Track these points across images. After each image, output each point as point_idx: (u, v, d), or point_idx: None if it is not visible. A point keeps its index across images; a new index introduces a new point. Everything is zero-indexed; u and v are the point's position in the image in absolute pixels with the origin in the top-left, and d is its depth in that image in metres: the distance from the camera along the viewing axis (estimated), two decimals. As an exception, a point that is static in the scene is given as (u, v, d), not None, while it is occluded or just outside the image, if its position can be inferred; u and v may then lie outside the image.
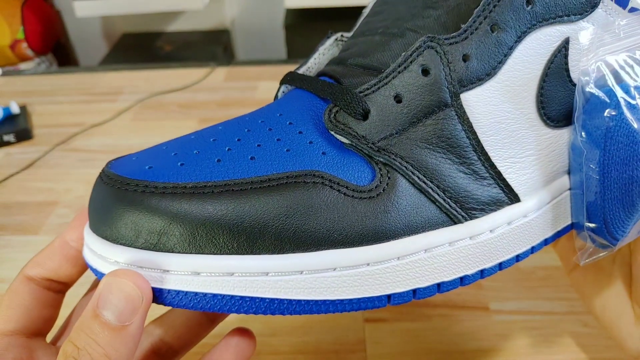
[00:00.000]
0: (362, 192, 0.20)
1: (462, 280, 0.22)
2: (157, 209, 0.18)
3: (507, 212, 0.22)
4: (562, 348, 0.36)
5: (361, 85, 0.21)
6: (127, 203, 0.19)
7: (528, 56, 0.21)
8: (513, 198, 0.22)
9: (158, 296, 0.19)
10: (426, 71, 0.20)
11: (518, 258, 0.23)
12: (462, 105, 0.20)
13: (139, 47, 1.68)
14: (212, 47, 1.62)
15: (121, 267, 0.19)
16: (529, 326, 0.37)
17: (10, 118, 0.67)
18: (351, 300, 0.20)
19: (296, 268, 0.19)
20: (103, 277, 0.19)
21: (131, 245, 0.19)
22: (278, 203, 0.19)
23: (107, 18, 1.81)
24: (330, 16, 1.36)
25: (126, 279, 0.18)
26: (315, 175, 0.20)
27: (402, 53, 0.21)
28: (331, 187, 0.20)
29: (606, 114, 0.19)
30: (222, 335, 0.26)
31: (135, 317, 0.18)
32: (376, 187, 0.20)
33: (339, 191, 0.20)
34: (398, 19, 0.23)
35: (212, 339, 0.27)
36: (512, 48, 0.21)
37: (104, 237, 0.20)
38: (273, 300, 0.19)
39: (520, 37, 0.21)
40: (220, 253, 0.19)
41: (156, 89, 0.75)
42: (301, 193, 0.19)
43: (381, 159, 0.20)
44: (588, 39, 0.20)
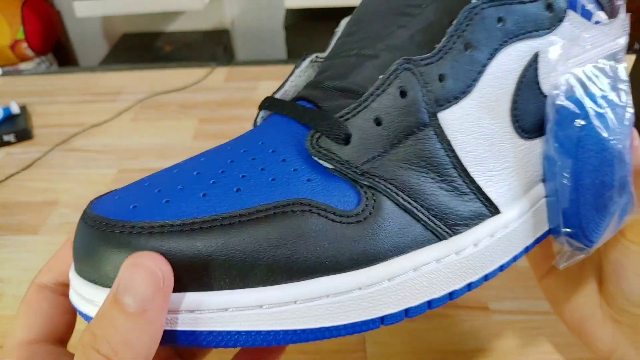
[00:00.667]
0: (350, 217, 0.20)
1: (451, 295, 0.22)
2: (146, 250, 0.18)
3: (489, 225, 0.22)
4: (562, 348, 0.36)
5: (340, 109, 0.21)
6: (114, 245, 0.18)
7: (501, 72, 0.21)
8: (493, 210, 0.22)
9: None
10: (404, 93, 0.20)
11: (502, 268, 0.23)
12: (440, 124, 0.21)
13: (139, 47, 1.68)
14: (212, 47, 1.62)
15: None
16: (529, 326, 0.37)
17: (10, 118, 0.67)
18: (346, 325, 0.20)
19: (290, 298, 0.19)
20: (123, 262, 0.18)
21: None
22: (268, 234, 0.19)
23: (107, 18, 1.81)
24: (330, 16, 1.36)
25: (146, 261, 0.17)
26: (302, 203, 0.20)
27: (379, 75, 0.21)
28: (319, 214, 0.19)
29: (576, 124, 0.19)
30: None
31: (156, 301, 0.17)
32: (362, 211, 0.20)
33: (327, 217, 0.20)
34: (372, 39, 0.23)
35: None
36: (485, 65, 0.21)
37: (92, 281, 0.19)
38: (268, 332, 0.19)
39: (492, 54, 0.21)
40: (212, 289, 0.18)
41: (156, 89, 0.75)
42: (290, 222, 0.19)
43: (365, 182, 0.20)
44: (557, 53, 0.21)
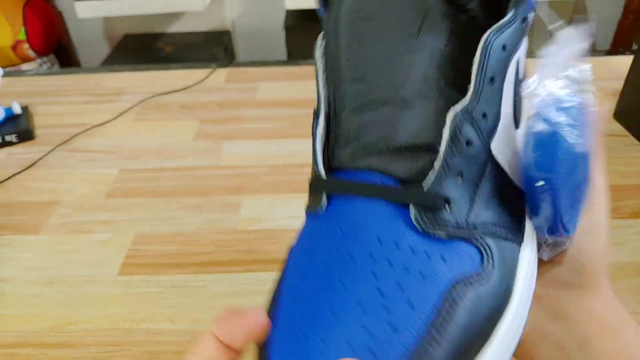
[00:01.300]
0: (486, 276, 0.21)
1: None
2: None
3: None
4: None
5: (411, 172, 0.22)
6: None
7: (508, 88, 0.23)
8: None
9: None
10: (469, 142, 0.21)
11: None
12: (493, 155, 0.22)
13: (140, 48, 1.69)
14: (213, 48, 1.63)
15: None
16: None
17: (12, 118, 0.67)
18: None
19: None
20: None
21: None
22: (459, 330, 0.19)
23: (109, 19, 1.81)
24: (330, 17, 1.36)
25: None
26: (454, 286, 0.20)
27: (425, 126, 0.22)
28: (470, 286, 0.20)
29: (552, 141, 0.21)
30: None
31: None
32: (488, 263, 0.21)
33: (474, 288, 0.20)
34: (389, 84, 0.23)
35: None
36: (502, 90, 0.22)
37: None
38: None
39: (504, 78, 0.22)
40: None
41: (157, 90, 0.75)
42: (462, 307, 0.20)
43: (477, 236, 0.21)
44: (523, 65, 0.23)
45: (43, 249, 0.50)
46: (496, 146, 0.22)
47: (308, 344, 0.20)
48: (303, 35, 1.44)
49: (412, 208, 0.21)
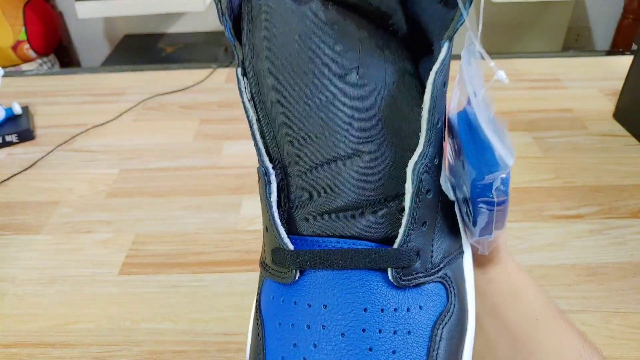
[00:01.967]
0: (451, 308, 0.22)
1: None
2: None
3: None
4: None
5: (372, 227, 0.22)
6: None
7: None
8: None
9: None
10: (429, 191, 0.22)
11: None
12: (441, 188, 0.23)
13: (141, 49, 1.69)
14: (213, 49, 1.63)
15: None
16: None
17: (12, 119, 0.67)
18: None
19: None
20: None
21: None
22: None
23: (109, 19, 1.81)
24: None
25: None
26: (433, 329, 0.21)
27: (376, 179, 0.21)
28: (444, 325, 0.22)
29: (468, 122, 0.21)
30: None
31: None
32: (451, 292, 0.22)
33: (447, 324, 0.22)
34: (330, 138, 0.21)
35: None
36: (444, 127, 0.23)
37: None
38: None
39: (444, 115, 0.23)
40: None
41: (157, 90, 0.76)
42: (442, 347, 0.21)
43: (440, 274, 0.22)
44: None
45: (43, 249, 0.50)
46: (442, 180, 0.23)
47: None
48: (303, 35, 1.44)
49: (392, 273, 0.21)
